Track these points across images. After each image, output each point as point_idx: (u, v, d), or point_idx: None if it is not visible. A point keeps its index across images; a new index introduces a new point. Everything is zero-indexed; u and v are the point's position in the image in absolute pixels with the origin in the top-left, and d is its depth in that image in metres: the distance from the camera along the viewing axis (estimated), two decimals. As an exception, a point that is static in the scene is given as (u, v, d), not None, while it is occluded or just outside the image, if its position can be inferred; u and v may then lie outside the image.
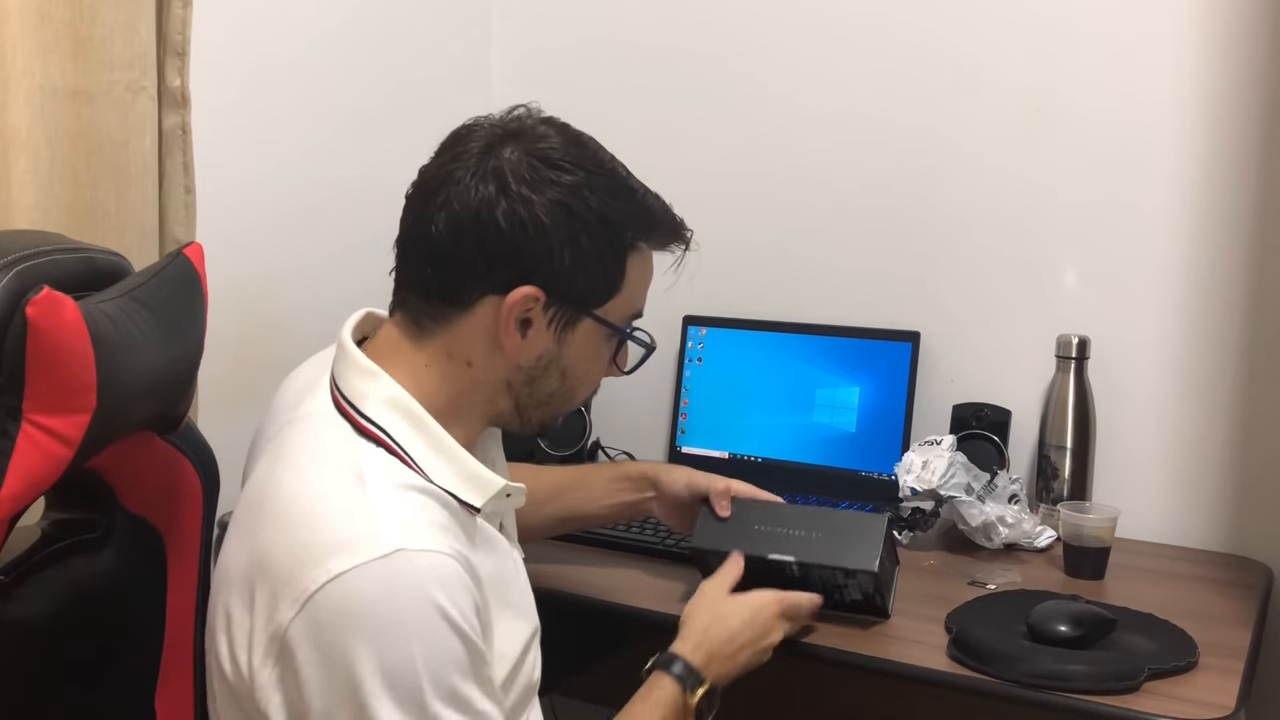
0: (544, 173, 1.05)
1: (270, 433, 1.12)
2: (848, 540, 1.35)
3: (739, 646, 1.25)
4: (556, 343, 1.09)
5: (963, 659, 1.29)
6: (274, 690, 0.95)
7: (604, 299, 1.10)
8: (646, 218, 1.11)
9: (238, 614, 0.98)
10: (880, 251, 1.95)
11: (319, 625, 0.92)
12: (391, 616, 0.92)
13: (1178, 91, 1.74)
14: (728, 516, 1.40)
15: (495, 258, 1.04)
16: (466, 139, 1.08)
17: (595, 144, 1.11)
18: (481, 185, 1.04)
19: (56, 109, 1.42)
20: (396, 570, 0.93)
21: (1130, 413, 1.79)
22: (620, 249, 1.09)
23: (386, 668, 0.92)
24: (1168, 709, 1.19)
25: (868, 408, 1.88)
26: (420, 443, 1.04)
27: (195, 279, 1.20)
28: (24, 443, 0.98)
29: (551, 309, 1.07)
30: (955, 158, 1.89)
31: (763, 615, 1.28)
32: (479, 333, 1.07)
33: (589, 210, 1.06)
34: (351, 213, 1.94)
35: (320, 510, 0.97)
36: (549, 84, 2.21)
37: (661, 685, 1.19)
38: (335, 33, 1.90)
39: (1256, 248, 1.71)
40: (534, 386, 1.11)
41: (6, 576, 1.11)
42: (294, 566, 0.94)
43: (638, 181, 1.12)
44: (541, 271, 1.05)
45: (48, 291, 0.98)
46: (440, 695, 0.94)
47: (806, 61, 1.99)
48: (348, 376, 1.08)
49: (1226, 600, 1.52)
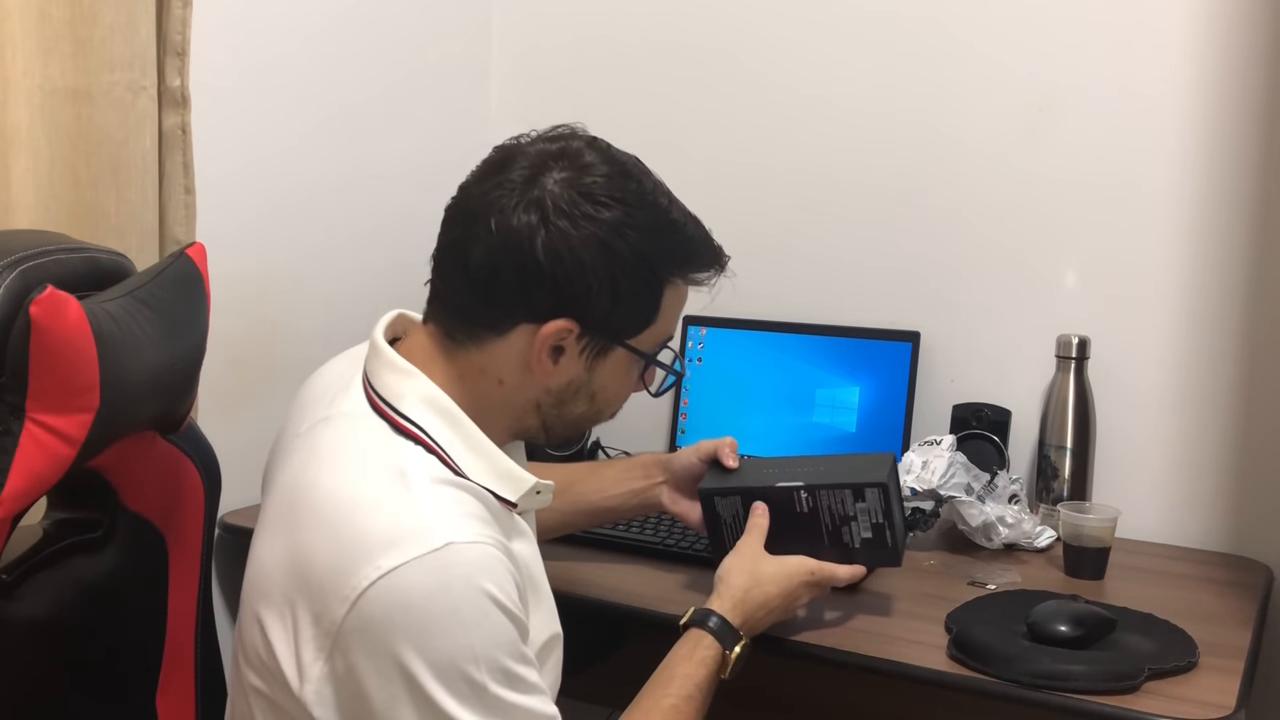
0: (584, 208, 1.04)
1: (301, 429, 1.12)
2: (856, 468, 1.37)
3: (768, 611, 1.28)
4: (587, 370, 1.11)
5: (963, 659, 1.29)
6: (327, 687, 0.96)
7: (637, 331, 1.12)
8: (685, 252, 1.11)
9: (278, 616, 0.99)
10: (880, 251, 1.95)
11: (373, 621, 0.94)
12: (446, 609, 0.95)
13: (1178, 91, 1.74)
14: (736, 467, 1.42)
15: (532, 289, 1.05)
16: (510, 165, 1.07)
17: (640, 171, 1.11)
18: (524, 214, 1.04)
19: (56, 109, 1.42)
20: (448, 563, 0.95)
21: (1130, 413, 1.79)
22: (657, 285, 1.10)
23: (443, 658, 0.94)
24: (1168, 709, 1.19)
25: (868, 408, 1.88)
26: (457, 440, 1.06)
27: (198, 279, 1.20)
28: (27, 442, 0.98)
29: (585, 339, 1.08)
30: (956, 157, 1.89)
31: (795, 583, 1.30)
32: (512, 356, 1.08)
33: (628, 248, 1.06)
34: (352, 212, 1.94)
35: (365, 507, 0.98)
36: (548, 81, 2.21)
37: (702, 643, 1.21)
38: (335, 32, 1.90)
39: (1257, 248, 1.72)
40: (562, 409, 1.13)
41: (8, 576, 1.11)
42: (342, 564, 0.95)
43: (680, 210, 1.12)
44: (577, 305, 1.06)
45: (51, 291, 0.98)
46: (496, 678, 0.96)
47: (806, 60, 1.99)
48: (382, 375, 1.08)
49: (1226, 600, 1.52)
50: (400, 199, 2.03)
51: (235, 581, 1.72)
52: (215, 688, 1.30)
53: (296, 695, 0.98)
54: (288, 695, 0.99)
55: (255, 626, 1.02)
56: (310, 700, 0.97)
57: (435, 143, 2.11)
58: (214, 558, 1.32)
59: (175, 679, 1.25)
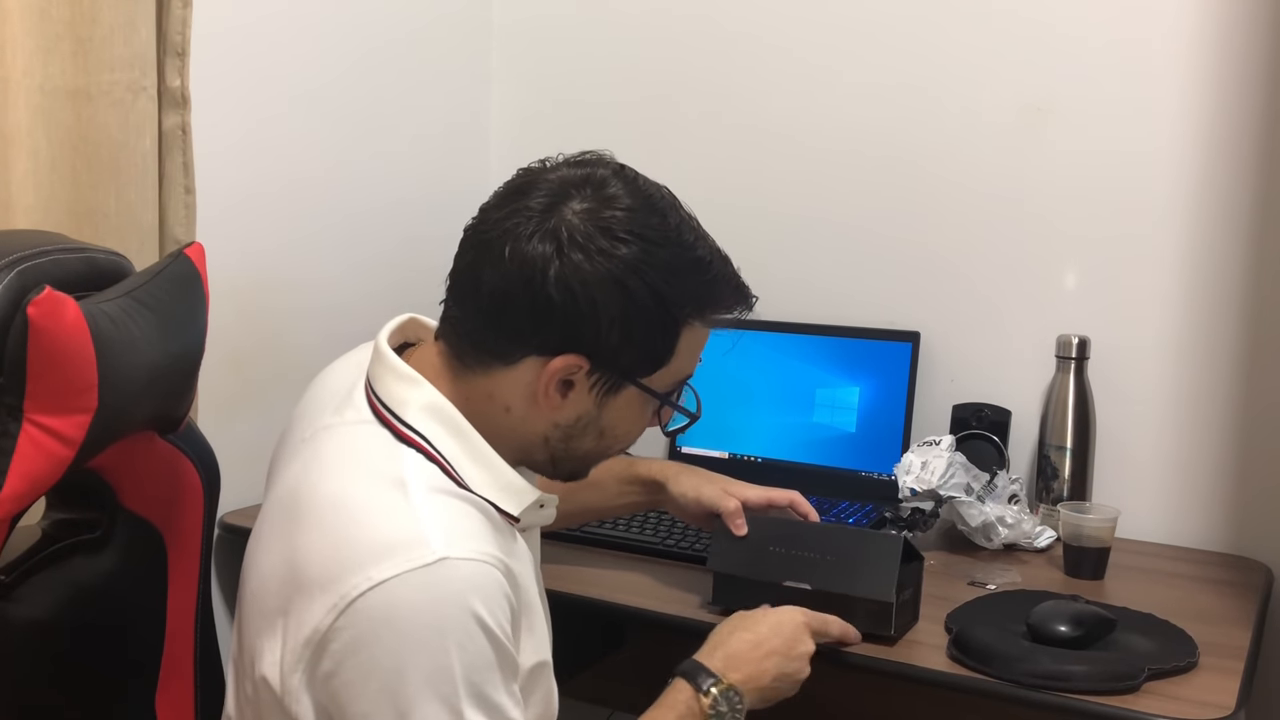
0: (601, 242, 1.01)
1: (305, 434, 1.11)
2: (865, 565, 1.33)
3: (765, 653, 1.20)
4: (597, 406, 1.07)
5: (963, 659, 1.29)
6: (304, 694, 0.95)
7: (650, 371, 1.08)
8: (707, 293, 1.07)
9: (269, 624, 0.99)
10: (880, 251, 1.95)
11: (359, 630, 0.93)
12: (433, 624, 0.93)
13: (1178, 91, 1.74)
14: (744, 535, 1.39)
15: (542, 323, 1.02)
16: (531, 191, 1.04)
17: (666, 205, 1.06)
18: (539, 244, 1.00)
19: (56, 109, 1.42)
20: (440, 579, 0.93)
21: (1130, 413, 1.79)
22: (673, 326, 1.06)
23: (426, 673, 0.92)
24: (1167, 709, 1.19)
25: (868, 408, 1.88)
26: (460, 451, 1.04)
27: (196, 279, 1.20)
28: (25, 443, 0.98)
29: (595, 375, 1.05)
30: (956, 157, 1.89)
31: (788, 623, 1.24)
32: (519, 386, 1.05)
33: (644, 287, 1.02)
34: (352, 212, 1.94)
35: (361, 515, 0.97)
36: (548, 80, 2.20)
37: (674, 687, 1.17)
38: (335, 32, 1.90)
39: (1257, 247, 1.71)
40: (570, 444, 1.10)
41: (7, 576, 1.11)
42: (334, 570, 0.94)
43: (706, 248, 1.07)
44: (587, 342, 1.03)
45: (49, 291, 0.98)
46: (474, 701, 0.94)
47: (806, 61, 1.99)
48: (385, 382, 1.07)
49: (1226, 600, 1.52)
50: (400, 200, 2.03)
51: (235, 581, 1.72)
52: (214, 688, 1.30)
53: (280, 701, 0.97)
54: (274, 703, 0.98)
55: (251, 635, 1.01)
56: (292, 708, 0.96)
57: (435, 143, 2.11)
58: (213, 558, 1.32)
59: (174, 679, 1.25)
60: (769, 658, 1.21)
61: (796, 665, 1.22)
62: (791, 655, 1.22)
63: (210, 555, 1.30)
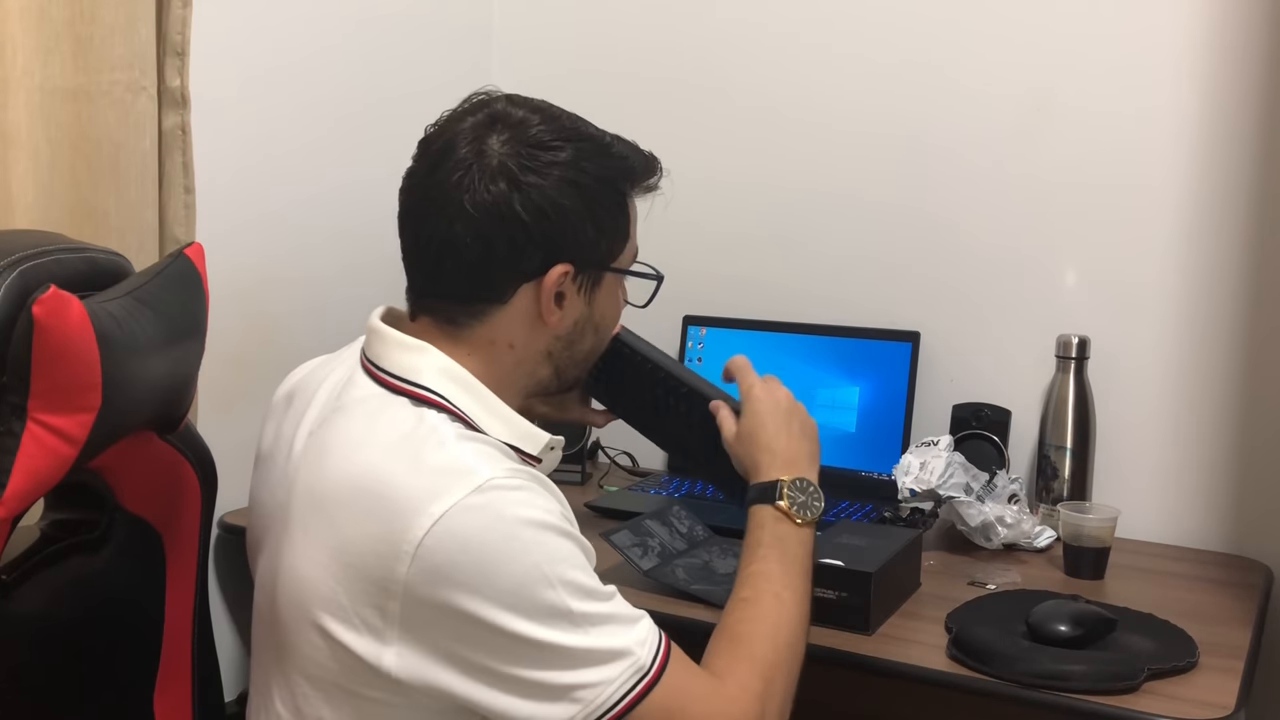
0: (543, 157, 1.08)
1: (306, 433, 1.11)
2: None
3: (775, 431, 1.24)
4: (588, 304, 1.15)
5: (962, 659, 1.29)
6: (408, 649, 0.97)
7: (619, 252, 1.16)
8: (630, 166, 1.15)
9: (340, 611, 0.99)
10: (880, 251, 1.95)
11: (437, 568, 0.95)
12: (504, 536, 0.97)
13: (1178, 91, 1.74)
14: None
15: (524, 250, 1.08)
16: (453, 147, 1.09)
17: (559, 109, 1.14)
18: (492, 185, 1.06)
19: (56, 109, 1.42)
20: (492, 497, 0.98)
21: (1130, 413, 1.79)
22: (623, 202, 1.14)
23: (515, 586, 0.96)
24: (1167, 709, 1.19)
25: (867, 408, 1.88)
26: (477, 406, 1.08)
27: (196, 279, 1.20)
28: (29, 442, 0.98)
29: (580, 276, 1.12)
30: (955, 157, 1.89)
31: (759, 395, 1.26)
32: (519, 317, 1.11)
33: (590, 178, 1.09)
34: (351, 212, 1.94)
35: (404, 468, 1.00)
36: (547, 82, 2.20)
37: (754, 520, 1.19)
38: (335, 32, 1.90)
39: (1257, 248, 1.72)
40: (573, 349, 1.17)
41: (6, 576, 1.11)
42: (394, 527, 0.96)
43: (607, 132, 1.15)
44: (568, 248, 1.09)
45: (54, 290, 0.97)
46: (573, 593, 0.98)
47: (806, 60, 1.99)
48: (392, 356, 1.10)
49: (1226, 600, 1.52)
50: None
51: (233, 582, 1.73)
52: (212, 688, 1.30)
53: (381, 670, 0.98)
54: (371, 677, 0.99)
55: (313, 633, 1.01)
56: (394, 669, 0.98)
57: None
58: (211, 558, 1.32)
59: (172, 679, 1.25)
60: (783, 432, 1.24)
61: (796, 410, 1.27)
62: (789, 411, 1.26)
63: (208, 555, 1.30)
